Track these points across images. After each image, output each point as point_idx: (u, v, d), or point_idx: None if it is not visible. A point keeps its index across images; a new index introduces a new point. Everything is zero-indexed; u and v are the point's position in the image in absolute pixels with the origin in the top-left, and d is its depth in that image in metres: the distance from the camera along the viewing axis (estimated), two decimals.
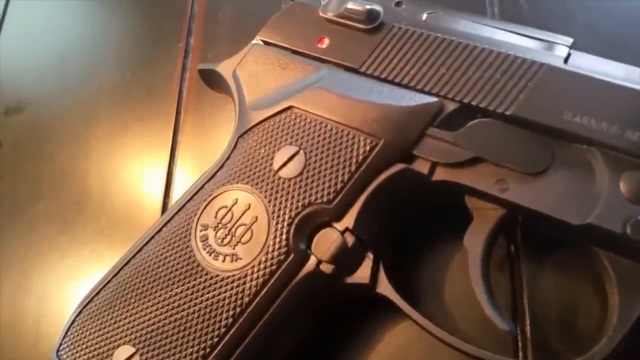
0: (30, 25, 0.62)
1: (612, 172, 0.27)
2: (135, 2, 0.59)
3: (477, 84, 0.30)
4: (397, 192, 0.32)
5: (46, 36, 0.61)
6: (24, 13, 0.63)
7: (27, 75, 0.60)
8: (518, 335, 0.33)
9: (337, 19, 0.34)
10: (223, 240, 0.32)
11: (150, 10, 0.58)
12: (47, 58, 0.60)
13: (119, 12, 0.59)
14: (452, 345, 0.30)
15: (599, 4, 0.40)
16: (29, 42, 0.61)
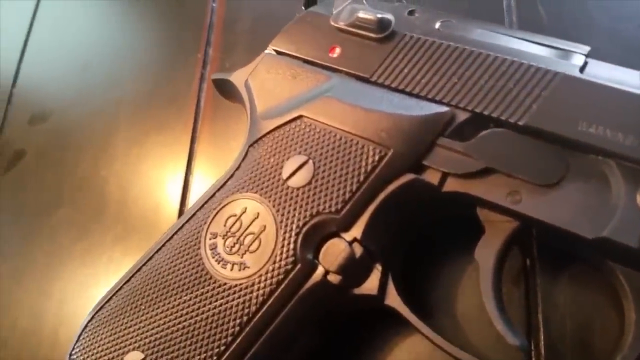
0: (54, 36, 0.64)
1: (628, 184, 0.26)
2: (156, 15, 0.60)
3: (490, 93, 0.30)
4: (407, 202, 0.31)
5: (70, 47, 0.62)
6: (49, 26, 0.65)
7: (51, 84, 0.62)
8: (532, 352, 0.32)
9: (349, 28, 0.34)
10: (232, 248, 0.32)
11: (170, 22, 0.59)
12: (71, 68, 0.61)
13: (141, 24, 0.60)
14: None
15: (619, 9, 0.39)
16: (54, 52, 0.63)
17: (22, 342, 0.50)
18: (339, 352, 0.35)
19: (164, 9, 0.60)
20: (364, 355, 0.35)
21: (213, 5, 0.57)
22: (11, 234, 0.55)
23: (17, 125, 0.61)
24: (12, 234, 0.55)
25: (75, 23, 0.63)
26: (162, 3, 0.60)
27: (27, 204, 0.56)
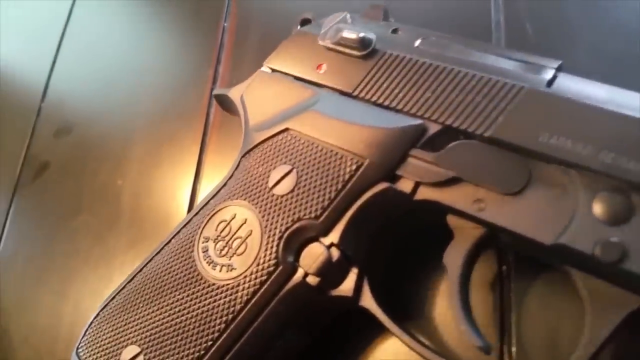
0: (81, 56, 0.69)
1: (586, 193, 0.28)
2: (172, 35, 0.64)
3: (459, 107, 0.32)
4: (382, 210, 0.33)
5: (95, 66, 0.67)
6: (76, 46, 0.70)
7: (76, 100, 0.67)
8: (504, 354, 0.34)
9: (334, 46, 0.37)
10: (221, 251, 0.35)
11: (185, 42, 0.62)
12: (94, 85, 0.66)
13: (159, 44, 0.64)
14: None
15: (603, 25, 0.40)
16: (80, 70, 0.68)
17: (42, 339, 0.54)
18: (324, 354, 0.37)
19: (180, 30, 0.64)
20: (348, 357, 0.37)
21: (224, 25, 0.60)
22: (35, 238, 0.60)
23: (43, 138, 0.65)
24: (36, 238, 0.59)
25: (99, 44, 0.68)
26: (178, 25, 0.64)
27: (49, 211, 0.60)
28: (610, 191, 0.27)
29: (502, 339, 0.34)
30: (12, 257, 0.60)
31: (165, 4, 0.67)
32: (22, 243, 0.61)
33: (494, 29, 0.43)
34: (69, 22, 0.72)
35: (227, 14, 0.60)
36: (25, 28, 0.77)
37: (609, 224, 0.27)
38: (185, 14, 0.65)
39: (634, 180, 0.26)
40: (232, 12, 0.60)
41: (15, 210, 0.62)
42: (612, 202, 0.27)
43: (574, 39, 0.41)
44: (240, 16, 0.60)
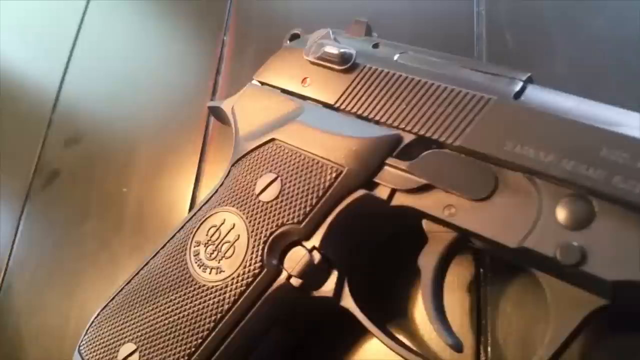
0: (90, 68, 0.72)
1: (549, 199, 0.29)
2: (174, 49, 0.66)
3: (432, 118, 0.34)
4: (361, 215, 0.35)
5: (103, 79, 0.70)
6: (85, 59, 0.73)
7: (85, 111, 0.70)
8: (481, 354, 0.35)
9: (317, 61, 0.39)
10: (211, 255, 0.37)
11: (187, 54, 0.65)
12: (102, 96, 0.69)
13: (162, 57, 0.67)
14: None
15: (580, 37, 0.42)
16: (89, 83, 0.71)
17: (50, 339, 0.56)
18: (309, 354, 0.39)
19: (183, 45, 0.66)
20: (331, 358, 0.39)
21: (224, 38, 0.63)
22: (45, 242, 0.62)
23: (54, 147, 0.68)
24: (45, 243, 0.62)
25: (107, 58, 0.71)
26: (181, 39, 0.67)
27: (59, 217, 0.63)
28: (572, 197, 0.29)
29: (478, 339, 0.36)
30: (24, 261, 0.63)
31: (168, 20, 0.70)
32: (33, 248, 0.64)
33: (476, 41, 0.45)
34: (79, 36, 0.75)
35: (226, 28, 0.63)
36: (37, 43, 0.81)
37: (571, 229, 0.28)
38: (187, 29, 0.67)
39: (592, 186, 0.28)
40: (232, 26, 0.63)
41: (27, 216, 0.66)
42: (573, 208, 0.28)
43: (552, 50, 0.42)
44: (239, 30, 0.62)
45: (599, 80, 0.40)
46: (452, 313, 0.36)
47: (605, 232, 0.27)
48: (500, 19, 0.45)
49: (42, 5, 0.84)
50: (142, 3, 0.74)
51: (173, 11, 0.70)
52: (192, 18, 0.67)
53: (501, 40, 0.44)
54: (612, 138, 0.28)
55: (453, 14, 0.47)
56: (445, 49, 0.41)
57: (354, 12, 0.53)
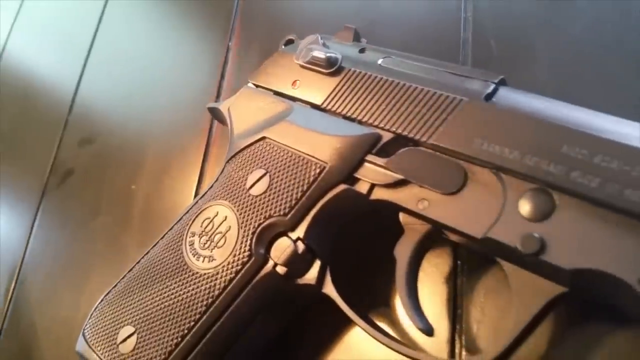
0: (105, 71, 0.76)
1: (512, 193, 0.31)
2: (182, 54, 0.70)
3: (408, 117, 0.36)
4: (342, 208, 0.37)
5: (116, 81, 0.74)
6: (101, 64, 0.77)
7: (99, 112, 0.73)
8: (456, 341, 0.37)
9: (306, 64, 0.42)
10: (205, 244, 0.39)
11: (193, 59, 0.68)
12: (116, 98, 0.73)
13: (171, 61, 0.71)
14: (388, 345, 0.34)
15: (560, 42, 0.44)
16: (104, 84, 0.75)
17: (62, 330, 0.60)
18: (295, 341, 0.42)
19: (190, 50, 0.70)
20: (316, 345, 0.41)
21: (229, 44, 0.66)
22: (59, 237, 0.66)
23: (68, 147, 0.72)
24: (59, 238, 0.66)
25: (121, 61, 0.75)
26: (188, 45, 0.70)
27: (72, 214, 0.67)
28: (534, 191, 0.31)
29: (453, 326, 0.37)
30: (39, 256, 0.67)
31: (177, 27, 0.74)
32: (48, 242, 0.67)
33: (462, 46, 0.47)
34: (94, 43, 0.79)
35: (231, 34, 0.66)
36: (55, 46, 0.85)
37: (532, 220, 0.30)
38: (195, 34, 0.71)
39: (552, 181, 0.30)
40: (237, 32, 0.66)
41: (42, 212, 0.69)
42: (535, 201, 0.30)
43: (533, 55, 0.44)
44: (244, 36, 0.65)
45: (577, 84, 0.42)
46: (430, 302, 0.39)
47: (564, 223, 0.29)
48: (486, 25, 0.47)
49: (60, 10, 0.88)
50: (157, 9, 0.78)
51: (182, 18, 0.74)
52: (199, 24, 0.71)
53: (486, 46, 0.46)
54: (572, 135, 0.30)
55: (442, 20, 0.49)
56: (433, 53, 0.43)
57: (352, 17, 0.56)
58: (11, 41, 0.93)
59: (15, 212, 0.72)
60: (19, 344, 0.63)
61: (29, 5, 0.95)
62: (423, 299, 0.38)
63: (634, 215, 0.27)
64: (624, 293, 0.27)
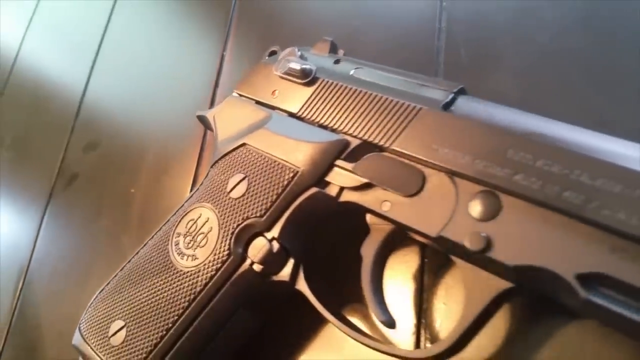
0: (109, 81, 0.79)
1: (464, 195, 0.34)
2: (179, 63, 0.73)
3: (374, 125, 0.38)
4: (314, 210, 0.40)
5: (120, 90, 0.77)
6: (106, 73, 0.81)
7: (104, 119, 0.77)
8: (421, 334, 0.39)
9: (284, 75, 0.44)
10: (188, 244, 0.42)
11: (190, 68, 0.72)
12: (119, 106, 0.76)
13: (169, 70, 0.74)
14: (356, 338, 0.37)
15: (528, 52, 0.46)
16: (108, 92, 0.78)
17: (65, 326, 0.63)
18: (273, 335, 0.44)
19: (186, 58, 0.73)
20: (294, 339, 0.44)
21: (224, 53, 0.69)
22: (63, 238, 0.70)
23: (74, 152, 0.76)
24: (64, 239, 0.70)
25: (126, 68, 0.78)
26: (184, 54, 0.74)
27: (76, 216, 0.70)
28: (483, 193, 0.33)
29: (419, 321, 0.40)
30: (45, 255, 0.71)
31: (175, 38, 0.77)
32: (53, 243, 0.71)
33: (436, 55, 0.49)
34: (100, 50, 0.83)
35: (225, 45, 0.69)
36: (63, 55, 0.89)
37: (480, 220, 0.32)
38: (191, 45, 0.74)
39: (499, 184, 0.32)
40: (230, 43, 0.69)
41: (49, 215, 0.73)
42: (483, 203, 0.33)
43: (499, 64, 0.46)
44: (237, 47, 0.68)
45: (540, 92, 0.44)
46: (399, 298, 0.41)
47: (509, 223, 0.32)
48: (458, 35, 0.49)
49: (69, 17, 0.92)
50: (156, 23, 0.82)
51: (180, 30, 0.77)
52: (196, 35, 0.74)
53: (457, 54, 0.48)
54: (517, 141, 0.33)
55: (419, 29, 0.52)
56: (411, 59, 0.46)
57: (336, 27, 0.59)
58: (25, 45, 0.97)
59: (24, 214, 0.76)
60: (25, 338, 0.66)
61: (40, 17, 0.99)
62: (392, 294, 0.41)
63: (572, 215, 0.30)
64: (562, 288, 0.30)
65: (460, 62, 0.48)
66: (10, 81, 0.95)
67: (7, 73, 0.96)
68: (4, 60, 0.99)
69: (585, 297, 0.28)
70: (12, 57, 0.97)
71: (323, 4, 0.63)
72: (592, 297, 0.28)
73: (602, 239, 0.29)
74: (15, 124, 0.91)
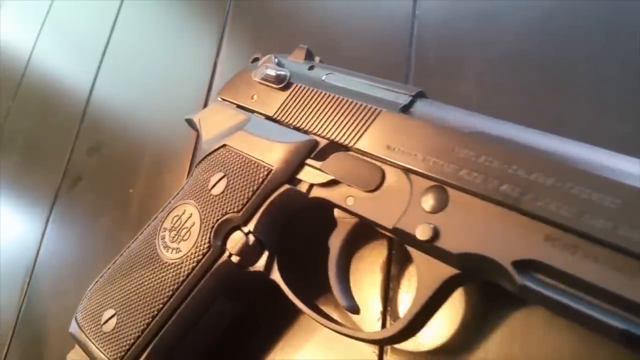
0: (113, 88, 0.84)
1: (417, 189, 0.36)
2: (174, 69, 0.77)
3: (340, 126, 0.41)
4: (287, 205, 0.43)
5: (124, 97, 0.81)
6: (110, 79, 0.85)
7: (106, 123, 0.81)
8: (387, 321, 0.42)
9: (261, 81, 0.48)
10: (173, 238, 0.46)
11: (184, 73, 0.75)
12: (120, 111, 0.80)
13: (164, 78, 0.78)
14: (325, 325, 0.40)
15: (490, 57, 0.49)
16: (111, 99, 0.83)
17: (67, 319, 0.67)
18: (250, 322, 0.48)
19: (182, 62, 0.77)
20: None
21: (216, 60, 0.72)
22: (67, 237, 0.74)
23: (79, 155, 0.80)
24: (68, 237, 0.74)
25: (128, 76, 0.82)
26: (181, 58, 0.78)
27: (79, 216, 0.74)
28: (433, 188, 0.36)
29: (385, 308, 0.43)
30: (51, 253, 0.75)
31: (169, 43, 0.81)
32: (59, 241, 0.75)
33: (407, 60, 0.52)
34: (104, 58, 0.87)
35: (219, 51, 0.73)
36: (68, 63, 0.94)
37: (430, 213, 0.35)
38: (186, 50, 0.78)
39: (446, 179, 0.35)
40: (223, 50, 0.73)
41: (54, 215, 0.77)
42: (433, 196, 0.36)
43: (465, 68, 0.49)
44: (230, 55, 0.72)
45: (499, 96, 0.47)
46: (368, 287, 0.44)
47: (455, 215, 0.35)
48: (428, 42, 0.52)
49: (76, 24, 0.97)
50: (156, 33, 0.86)
51: (175, 39, 0.81)
52: (190, 42, 0.78)
53: (426, 60, 0.51)
54: (462, 139, 0.35)
55: (393, 38, 0.55)
56: (386, 63, 0.49)
57: (320, 36, 0.62)
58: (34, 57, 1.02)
59: (32, 214, 0.80)
60: (31, 330, 0.70)
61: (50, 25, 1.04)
62: (361, 283, 0.44)
63: (510, 207, 0.32)
64: (501, 274, 0.32)
65: (429, 67, 0.51)
66: (21, 89, 1.00)
67: (18, 82, 1.01)
68: (16, 69, 1.04)
69: (520, 283, 0.31)
70: (22, 67, 1.02)
71: (312, 10, 0.67)
72: (526, 282, 0.31)
73: (536, 229, 0.31)
74: (25, 129, 0.95)
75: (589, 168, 0.31)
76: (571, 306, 0.29)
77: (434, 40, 0.52)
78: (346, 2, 0.62)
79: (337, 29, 0.61)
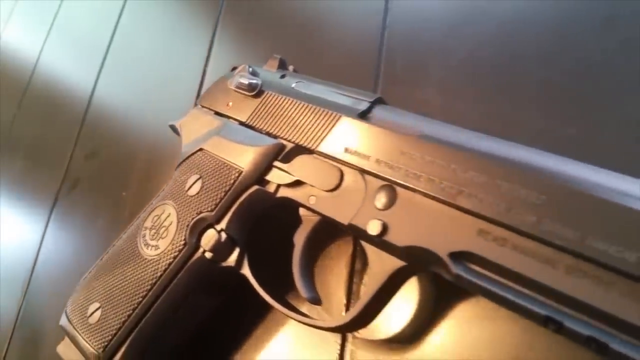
0: (112, 94, 0.88)
1: (370, 189, 0.39)
2: (164, 77, 0.81)
3: (304, 130, 0.44)
4: (256, 205, 0.46)
5: (122, 103, 0.85)
6: (109, 86, 0.89)
7: (103, 129, 0.85)
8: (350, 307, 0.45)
9: (235, 89, 0.51)
10: (153, 236, 0.49)
11: (176, 79, 0.79)
12: (117, 117, 0.84)
13: (157, 84, 0.82)
14: (291, 316, 0.43)
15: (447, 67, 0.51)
16: (110, 105, 0.86)
17: None
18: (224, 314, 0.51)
19: (172, 71, 0.80)
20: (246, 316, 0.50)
21: (205, 68, 0.76)
22: (65, 238, 0.78)
23: (78, 160, 0.84)
24: (66, 239, 0.78)
25: (125, 83, 0.86)
26: (171, 65, 0.81)
27: (77, 218, 0.78)
28: (384, 187, 0.39)
29: (349, 299, 0.46)
30: (50, 254, 0.79)
31: (163, 50, 0.85)
32: (58, 242, 0.79)
33: (376, 68, 0.55)
34: (103, 67, 0.91)
35: (207, 60, 0.76)
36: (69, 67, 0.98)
37: (381, 209, 0.38)
38: (176, 58, 0.81)
39: (394, 179, 0.38)
40: (212, 58, 0.76)
41: (54, 217, 0.81)
42: (383, 194, 0.38)
43: (427, 75, 0.52)
44: (219, 62, 0.75)
45: (458, 100, 0.49)
46: (334, 281, 0.47)
47: (401, 211, 0.37)
48: (396, 50, 0.55)
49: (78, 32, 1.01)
50: (155, 39, 0.90)
51: (168, 47, 0.85)
52: (180, 50, 0.82)
53: (393, 67, 0.54)
54: (409, 142, 0.38)
55: (364, 47, 0.58)
56: (359, 70, 0.52)
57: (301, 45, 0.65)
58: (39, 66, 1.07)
59: (32, 216, 0.85)
60: (32, 326, 0.74)
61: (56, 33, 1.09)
62: (328, 278, 0.46)
63: (448, 203, 0.35)
64: (441, 265, 0.35)
65: (396, 75, 0.54)
66: (26, 98, 1.05)
67: (23, 91, 1.06)
68: (22, 78, 1.09)
69: (455, 272, 0.34)
70: (27, 77, 1.07)
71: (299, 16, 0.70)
72: (460, 272, 0.33)
73: (471, 223, 0.34)
74: (28, 135, 1.00)
75: (518, 167, 0.34)
76: (500, 294, 0.32)
77: (402, 50, 0.55)
78: (325, 16, 0.65)
79: (316, 39, 0.65)
